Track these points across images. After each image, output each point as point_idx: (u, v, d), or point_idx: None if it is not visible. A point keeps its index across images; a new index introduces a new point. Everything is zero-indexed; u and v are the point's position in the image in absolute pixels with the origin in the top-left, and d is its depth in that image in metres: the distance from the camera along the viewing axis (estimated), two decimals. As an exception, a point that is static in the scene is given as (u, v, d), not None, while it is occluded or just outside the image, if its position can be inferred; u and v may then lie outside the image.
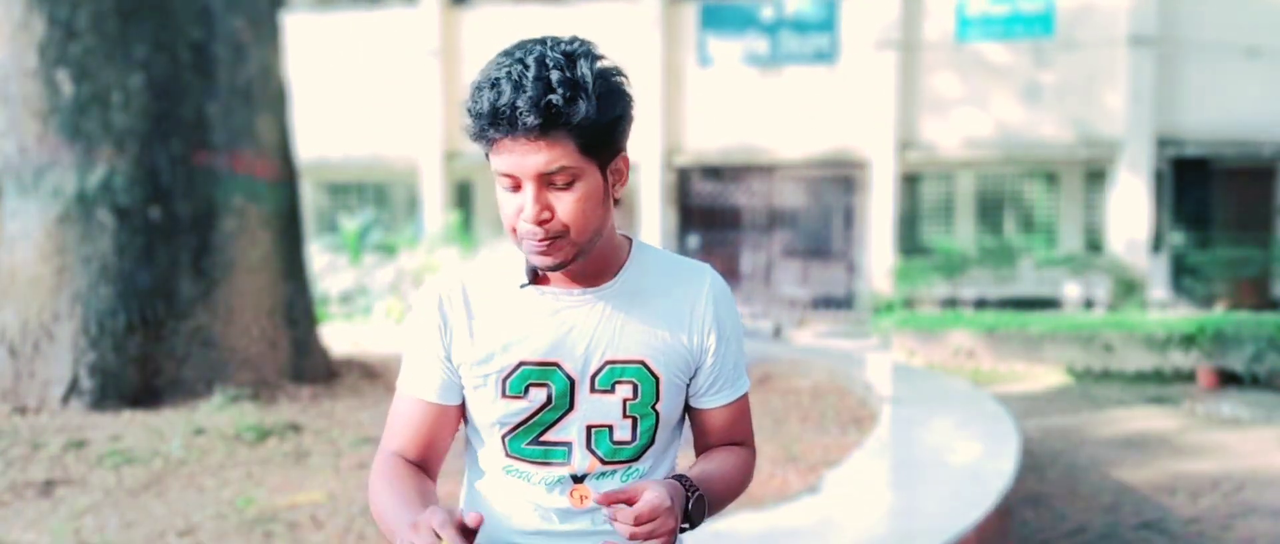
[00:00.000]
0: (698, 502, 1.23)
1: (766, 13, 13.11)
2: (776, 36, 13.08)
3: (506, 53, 1.15)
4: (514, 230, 1.19)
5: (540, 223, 1.15)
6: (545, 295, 1.27)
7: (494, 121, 1.12)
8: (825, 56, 13.01)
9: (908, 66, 12.71)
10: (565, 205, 1.16)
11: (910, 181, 13.60)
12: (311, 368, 6.55)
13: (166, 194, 5.85)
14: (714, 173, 13.88)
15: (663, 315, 1.29)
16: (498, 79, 1.12)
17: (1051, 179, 13.69)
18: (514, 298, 1.27)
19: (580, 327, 1.26)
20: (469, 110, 1.14)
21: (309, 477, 4.28)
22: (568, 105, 1.11)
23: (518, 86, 1.11)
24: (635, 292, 1.28)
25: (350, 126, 14.22)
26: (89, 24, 5.64)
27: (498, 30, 13.68)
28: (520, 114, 1.10)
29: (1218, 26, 12.01)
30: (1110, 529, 4.17)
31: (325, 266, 12.69)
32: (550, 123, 1.11)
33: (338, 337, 8.41)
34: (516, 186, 1.16)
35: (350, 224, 13.15)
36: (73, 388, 5.49)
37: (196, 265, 5.97)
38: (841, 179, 13.70)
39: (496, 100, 1.11)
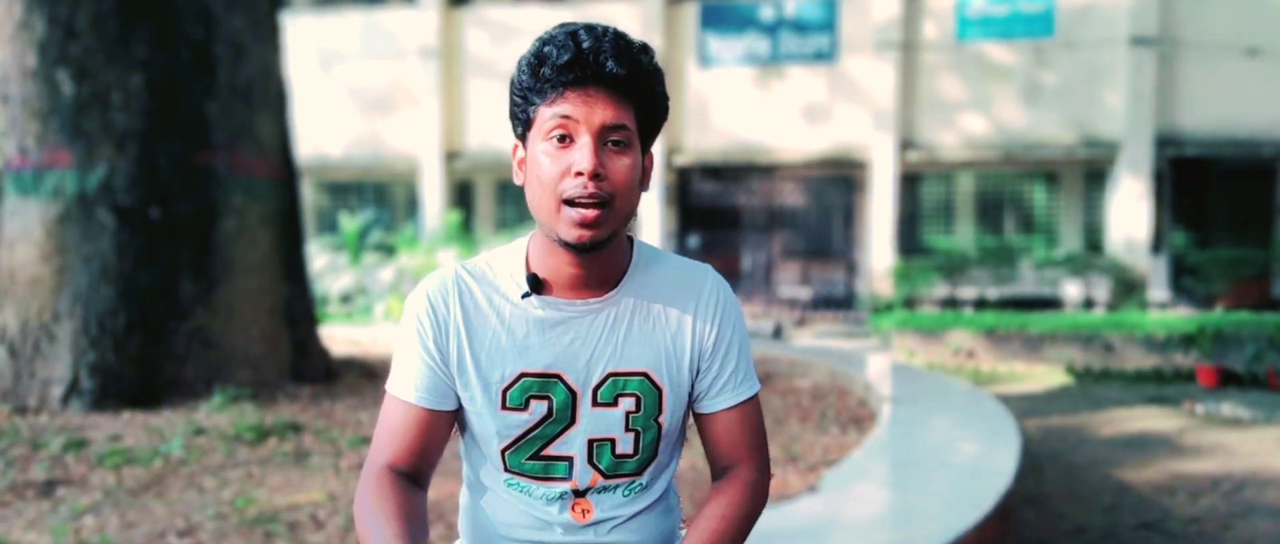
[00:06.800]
0: None
1: (766, 13, 13.10)
2: (776, 36, 13.08)
3: (563, 26, 1.15)
4: (555, 201, 1.13)
5: (594, 178, 1.11)
6: (548, 305, 1.22)
7: (572, 65, 1.11)
8: (825, 56, 13.00)
9: (908, 66, 12.71)
10: (617, 169, 1.13)
11: (910, 181, 13.59)
12: (311, 368, 6.55)
13: (166, 194, 5.84)
14: (714, 173, 13.87)
15: (666, 323, 1.25)
16: (575, 32, 1.12)
17: (1051, 179, 13.69)
18: (514, 306, 1.22)
19: (583, 337, 1.22)
20: (536, 57, 1.13)
21: (309, 477, 4.28)
22: (649, 67, 1.15)
23: (600, 39, 1.12)
24: (638, 299, 1.25)
25: (350, 126, 14.23)
26: (89, 24, 5.64)
27: (497, 30, 13.68)
28: (605, 59, 1.11)
29: (1218, 26, 12.01)
30: (1110, 529, 4.17)
31: (325, 266, 12.72)
32: (630, 79, 1.12)
33: (338, 337, 8.42)
34: (568, 140, 1.13)
35: (350, 224, 13.15)
36: (73, 388, 5.49)
37: (196, 265, 5.97)
38: (841, 179, 13.70)
39: (580, 46, 1.11)
